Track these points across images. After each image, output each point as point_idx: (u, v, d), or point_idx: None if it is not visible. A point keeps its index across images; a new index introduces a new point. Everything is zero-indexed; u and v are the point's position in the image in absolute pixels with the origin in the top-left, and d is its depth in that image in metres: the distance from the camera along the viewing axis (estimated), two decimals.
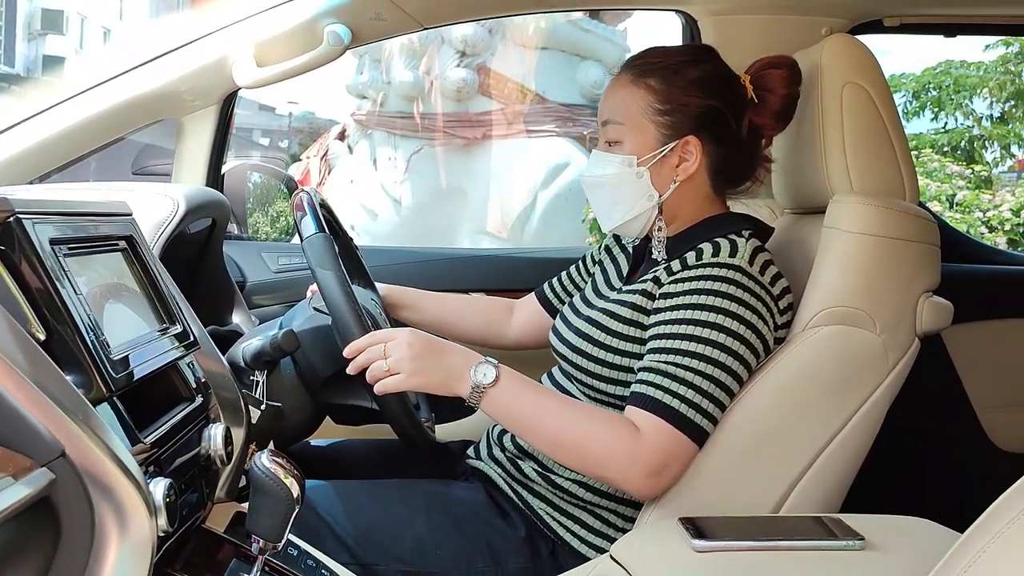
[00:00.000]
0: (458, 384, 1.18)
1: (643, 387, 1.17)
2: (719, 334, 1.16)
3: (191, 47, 1.68)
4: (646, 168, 1.28)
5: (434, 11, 1.72)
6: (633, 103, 1.28)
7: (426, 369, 1.17)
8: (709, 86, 1.29)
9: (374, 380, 1.18)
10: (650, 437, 1.14)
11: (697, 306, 1.18)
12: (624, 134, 1.29)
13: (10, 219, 0.79)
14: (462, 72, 5.78)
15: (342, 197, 5.89)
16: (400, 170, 5.88)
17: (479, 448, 1.45)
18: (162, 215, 1.24)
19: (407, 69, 5.87)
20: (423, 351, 1.18)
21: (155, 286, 1.06)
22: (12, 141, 1.68)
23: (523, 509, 1.32)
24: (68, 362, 0.81)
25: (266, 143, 16.50)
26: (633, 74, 1.30)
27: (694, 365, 1.15)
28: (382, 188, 5.88)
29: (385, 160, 5.92)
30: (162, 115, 1.75)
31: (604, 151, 1.31)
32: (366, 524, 1.27)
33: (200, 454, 1.04)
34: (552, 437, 1.18)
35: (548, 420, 1.18)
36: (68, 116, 1.69)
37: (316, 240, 1.26)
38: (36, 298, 0.79)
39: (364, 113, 6.07)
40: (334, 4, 1.66)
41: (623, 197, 1.30)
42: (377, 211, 5.83)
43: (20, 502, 0.68)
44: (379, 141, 5.98)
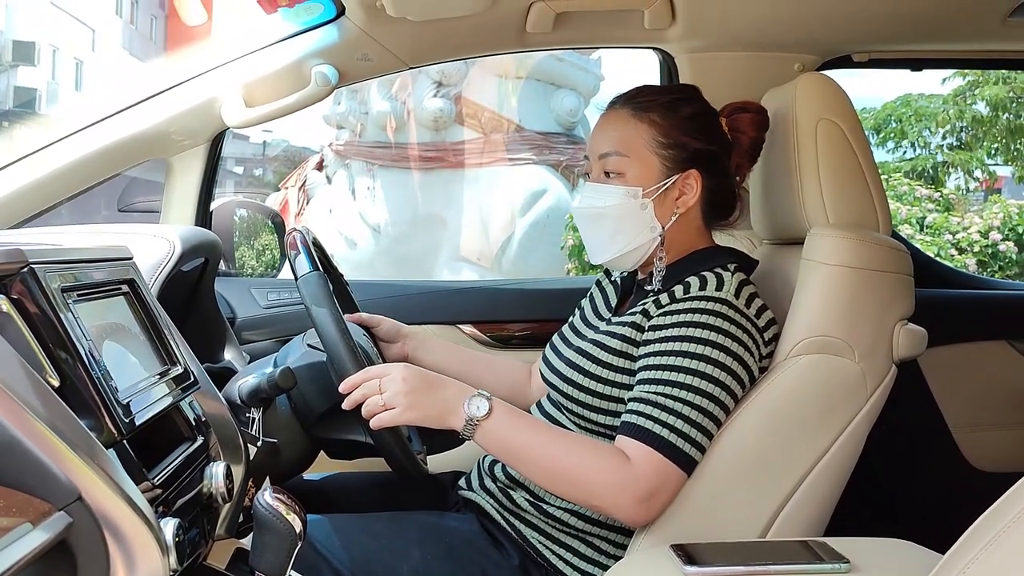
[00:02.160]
0: (452, 418, 1.21)
1: (633, 417, 1.20)
2: (707, 365, 1.20)
3: (180, 88, 1.71)
4: (650, 200, 1.32)
5: (419, 51, 1.76)
6: (636, 136, 1.32)
7: (421, 403, 1.20)
8: (703, 123, 1.36)
9: (370, 415, 1.20)
10: (640, 466, 1.18)
11: (685, 338, 1.22)
12: (627, 166, 1.32)
13: (24, 269, 0.82)
14: (439, 102, 5.84)
15: (321, 227, 5.91)
16: (379, 199, 5.91)
17: (470, 479, 1.47)
18: (159, 256, 1.26)
19: (384, 99, 5.92)
20: (418, 385, 1.21)
21: (156, 328, 1.08)
22: (3, 182, 1.70)
23: (516, 538, 1.35)
24: (80, 407, 0.83)
25: (240, 171, 16.46)
26: (633, 108, 1.34)
27: (683, 395, 1.19)
28: (360, 217, 5.91)
29: (363, 189, 5.95)
30: (152, 155, 1.77)
31: (603, 182, 1.33)
32: (363, 557, 1.29)
33: (202, 492, 1.06)
34: (544, 467, 1.21)
35: (540, 451, 1.21)
36: (57, 158, 1.71)
37: (311, 279, 1.28)
38: (50, 345, 0.82)
39: (342, 143, 6.11)
40: (321, 45, 1.70)
41: (624, 228, 1.33)
42: (356, 240, 5.85)
43: (40, 547, 0.70)
44: (357, 171, 6.02)
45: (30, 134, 1.77)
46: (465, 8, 1.59)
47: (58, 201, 1.76)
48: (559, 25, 1.70)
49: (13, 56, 19.31)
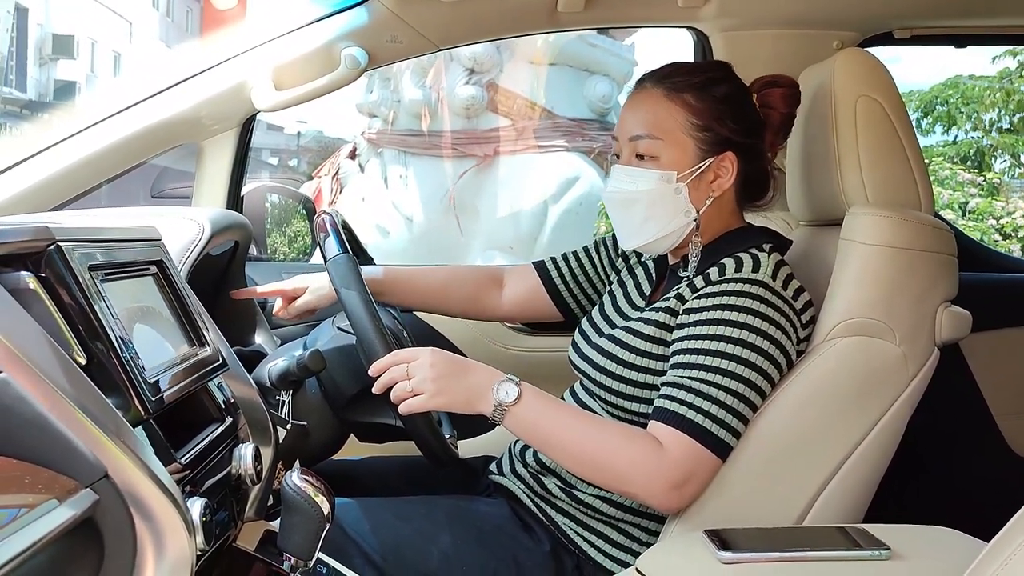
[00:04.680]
0: (480, 403, 1.19)
1: (666, 402, 1.18)
2: (743, 349, 1.17)
3: (211, 73, 1.71)
4: (685, 184, 1.28)
5: (449, 32, 1.75)
6: (670, 118, 1.29)
7: (448, 389, 1.18)
8: (738, 103, 1.32)
9: (398, 400, 1.19)
10: (673, 451, 1.16)
11: (721, 321, 1.19)
12: (661, 149, 1.28)
13: (51, 247, 0.81)
14: (471, 89, 5.82)
15: (354, 215, 5.92)
16: (412, 187, 5.91)
17: (501, 463, 1.46)
18: (188, 238, 1.26)
19: (416, 87, 5.91)
20: (445, 371, 1.19)
21: (184, 309, 1.08)
22: (37, 169, 1.71)
23: (547, 524, 1.33)
24: (107, 385, 0.83)
25: (275, 162, 16.60)
26: (666, 89, 1.30)
27: (718, 380, 1.16)
28: (393, 206, 5.91)
29: (396, 178, 5.95)
30: (183, 140, 1.78)
31: (635, 166, 1.30)
32: (392, 541, 1.28)
33: (231, 473, 1.05)
34: (575, 453, 1.19)
35: (570, 436, 1.19)
36: (91, 143, 1.72)
37: (340, 260, 1.27)
38: (77, 323, 0.82)
39: (375, 132, 6.11)
40: (350, 27, 1.69)
41: (659, 213, 1.29)
42: (389, 229, 5.86)
43: (66, 523, 0.70)
44: (389, 159, 6.02)
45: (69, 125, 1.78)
46: None
47: (92, 186, 1.77)
48: (591, 4, 1.67)
49: (53, 49, 19.60)
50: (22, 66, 18.61)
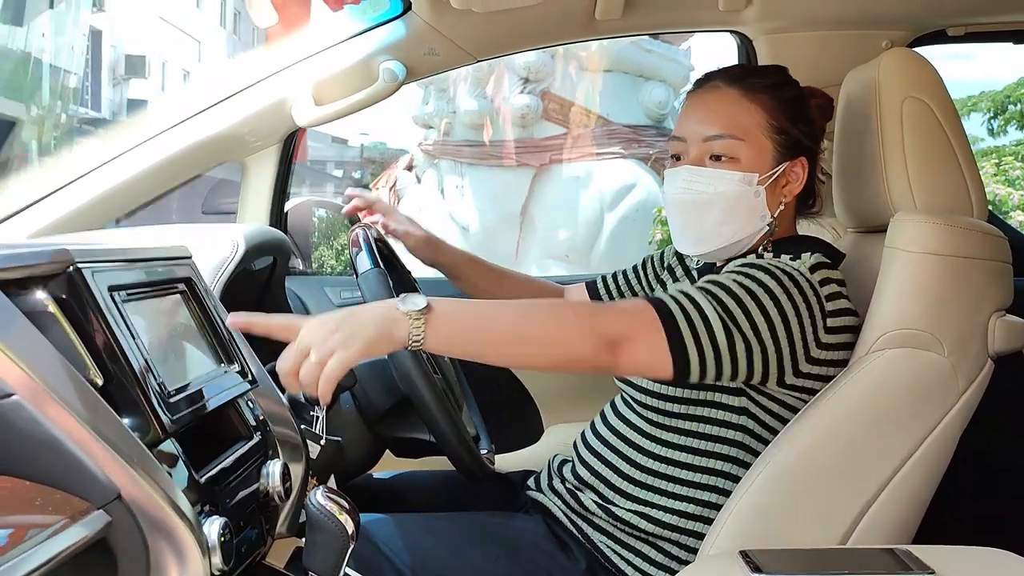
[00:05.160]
0: (395, 326, 1.00)
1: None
2: (748, 296, 1.12)
3: (253, 90, 1.73)
4: (763, 187, 1.25)
5: (485, 44, 1.74)
6: (749, 118, 1.26)
7: (354, 332, 0.99)
8: (804, 107, 1.31)
9: (313, 381, 0.97)
10: (619, 305, 1.14)
11: (738, 272, 1.15)
12: (742, 150, 1.25)
13: (69, 269, 0.82)
14: (526, 98, 5.83)
15: None
16: (468, 197, 5.94)
17: (539, 479, 1.44)
18: (222, 256, 1.27)
19: (472, 97, 5.94)
20: (340, 318, 1.00)
21: (213, 326, 1.09)
22: (91, 185, 1.75)
23: (583, 542, 1.30)
24: (126, 405, 0.83)
25: (339, 175, 16.87)
26: (743, 89, 1.27)
27: (709, 297, 1.11)
28: (450, 216, 5.94)
29: (452, 188, 5.99)
30: (227, 157, 1.80)
31: (712, 167, 1.26)
32: (424, 557, 1.27)
33: (258, 490, 1.06)
34: (517, 333, 1.08)
35: (504, 319, 1.08)
36: (141, 161, 1.75)
37: (370, 275, 1.27)
38: (95, 344, 0.82)
39: (431, 143, 6.16)
40: (388, 41, 1.70)
41: (735, 217, 1.26)
42: (445, 238, 5.89)
43: (77, 544, 0.70)
44: (446, 170, 6.06)
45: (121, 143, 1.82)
46: None
47: (143, 203, 1.81)
48: (629, 10, 1.65)
49: (126, 70, 20.26)
50: (96, 86, 19.27)
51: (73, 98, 17.28)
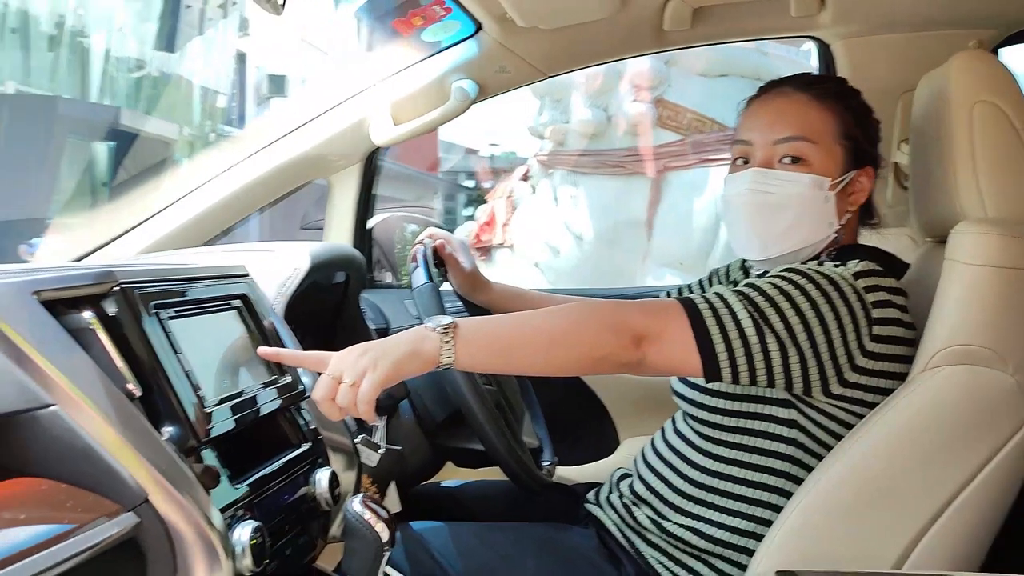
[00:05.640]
0: (422, 343, 1.04)
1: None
2: (782, 298, 1.11)
3: (335, 111, 1.81)
4: (833, 193, 1.23)
5: (555, 60, 1.76)
6: (821, 123, 1.24)
7: (384, 353, 1.03)
8: (870, 116, 1.30)
9: (350, 404, 1.02)
10: (647, 304, 1.12)
11: (776, 276, 1.13)
12: (814, 154, 1.23)
13: (115, 288, 0.90)
14: (640, 106, 5.79)
15: (526, 236, 6.04)
16: (582, 206, 5.95)
17: (599, 492, 1.44)
18: (287, 273, 1.34)
19: (586, 107, 5.95)
20: (368, 345, 1.05)
21: (267, 341, 1.15)
22: (194, 204, 1.88)
23: (634, 556, 1.30)
24: (164, 415, 0.90)
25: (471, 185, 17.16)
26: (813, 95, 1.26)
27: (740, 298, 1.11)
28: (564, 225, 5.97)
29: (566, 197, 6.01)
30: (313, 176, 1.89)
31: (783, 169, 1.24)
32: (477, 566, 1.30)
33: (306, 496, 1.11)
34: (545, 338, 1.09)
35: (529, 325, 1.11)
36: (236, 181, 1.87)
37: (424, 290, 1.32)
38: (136, 358, 0.89)
39: (546, 153, 6.20)
40: (460, 61, 1.74)
41: (805, 221, 1.24)
42: (560, 248, 5.92)
43: (105, 541, 0.76)
44: (560, 179, 6.09)
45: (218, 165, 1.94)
46: (594, 13, 1.56)
47: (236, 222, 1.92)
48: (698, 21, 1.64)
49: (268, 89, 21.31)
50: (242, 106, 20.33)
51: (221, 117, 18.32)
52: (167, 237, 1.85)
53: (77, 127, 11.57)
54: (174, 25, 14.40)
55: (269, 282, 1.30)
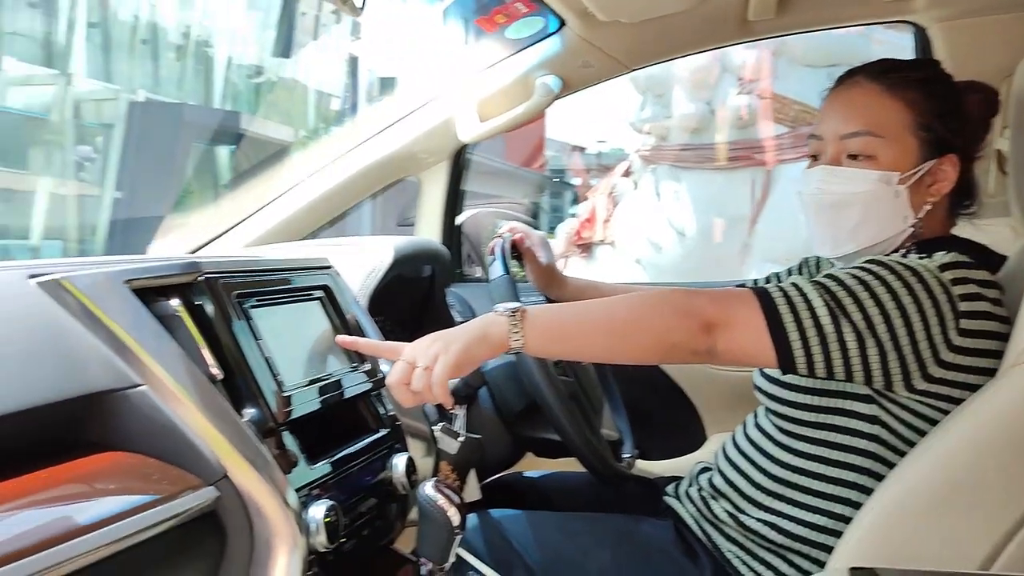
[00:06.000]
0: (491, 327, 1.06)
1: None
2: (861, 288, 1.07)
3: (423, 110, 1.86)
4: (905, 187, 1.20)
5: (638, 53, 1.76)
6: (892, 115, 1.21)
7: (453, 339, 1.05)
8: (957, 101, 1.24)
9: (425, 387, 1.03)
10: (716, 292, 1.10)
11: (857, 267, 1.10)
12: (880, 148, 1.20)
13: (200, 279, 0.96)
14: (744, 98, 5.68)
15: (627, 232, 6.01)
16: (684, 202, 5.88)
17: (679, 486, 1.44)
18: (371, 266, 1.39)
19: (688, 101, 5.88)
20: (439, 334, 1.07)
21: (347, 329, 1.20)
22: (290, 202, 1.96)
23: (711, 550, 1.30)
24: (244, 398, 0.95)
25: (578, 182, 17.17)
26: (886, 84, 1.22)
27: (817, 287, 1.08)
28: (667, 221, 5.91)
29: (669, 193, 5.95)
30: (404, 173, 1.95)
31: (849, 165, 1.22)
32: (553, 554, 1.31)
33: (383, 480, 1.16)
34: (611, 324, 1.09)
35: (598, 311, 1.11)
36: (331, 179, 1.94)
37: (499, 282, 1.34)
38: (218, 344, 0.95)
39: (648, 148, 6.16)
40: (544, 57, 1.76)
41: (874, 217, 1.21)
42: (662, 244, 5.87)
43: (187, 511, 0.82)
44: (662, 174, 6.04)
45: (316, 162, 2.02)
46: (676, 4, 1.55)
47: (332, 217, 1.99)
48: (784, 9, 1.60)
49: (380, 90, 21.85)
50: (355, 108, 20.88)
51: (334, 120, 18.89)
52: (269, 232, 1.94)
53: (201, 132, 12.16)
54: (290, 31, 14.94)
55: (355, 275, 1.36)
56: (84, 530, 0.72)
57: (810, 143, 1.28)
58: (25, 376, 0.79)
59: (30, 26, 11.97)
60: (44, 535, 0.70)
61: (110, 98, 12.38)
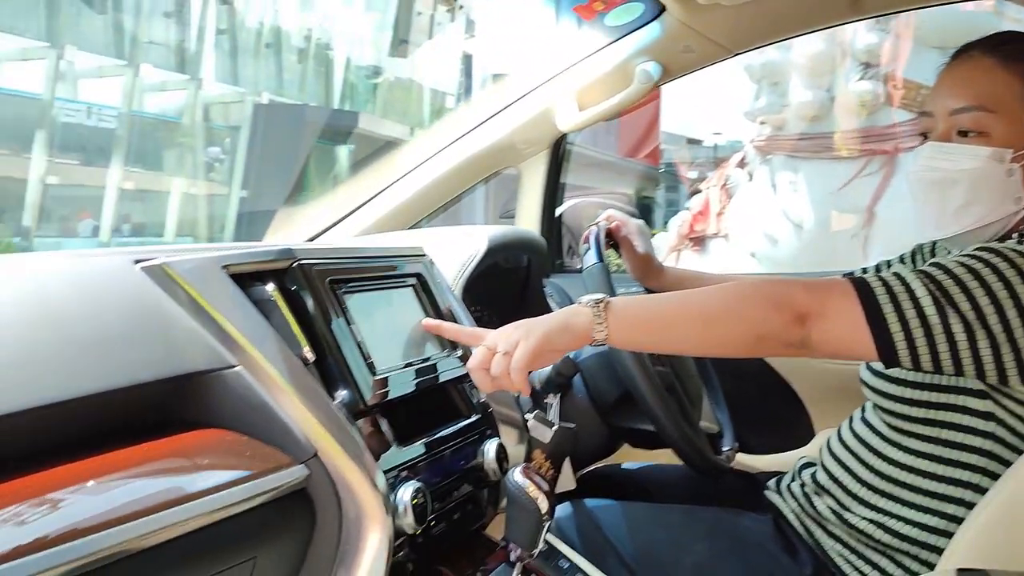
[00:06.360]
0: (574, 316, 1.05)
1: None
2: (970, 276, 1.01)
3: (522, 101, 1.87)
4: (1019, 165, 1.14)
5: (741, 36, 1.71)
6: (1006, 89, 1.14)
7: (536, 327, 1.04)
8: None
9: (503, 371, 1.03)
10: (810, 281, 1.05)
11: (965, 255, 1.04)
12: (993, 124, 1.14)
13: (294, 265, 0.99)
14: (867, 84, 5.44)
15: (742, 225, 5.86)
16: (802, 193, 5.69)
17: (781, 480, 1.40)
18: (467, 255, 1.40)
19: (806, 88, 5.68)
20: (523, 322, 1.06)
21: (440, 316, 1.21)
22: (396, 194, 2.00)
23: (812, 546, 1.25)
24: (335, 380, 0.98)
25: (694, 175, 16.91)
26: (1000, 57, 1.15)
27: (920, 276, 1.03)
28: (783, 213, 5.73)
29: (785, 184, 5.77)
30: (504, 164, 1.95)
31: (959, 142, 1.16)
32: (647, 546, 1.30)
33: (474, 466, 1.16)
34: (699, 314, 1.06)
35: (686, 300, 1.08)
36: (434, 170, 1.97)
37: (593, 270, 1.33)
38: (312, 327, 0.98)
39: (763, 138, 5.99)
40: (644, 43, 1.74)
41: (982, 197, 1.15)
42: (777, 237, 5.70)
43: (278, 488, 0.85)
44: (778, 165, 5.86)
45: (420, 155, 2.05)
46: None
47: (435, 209, 2.02)
48: None
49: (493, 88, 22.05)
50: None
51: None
52: (378, 221, 1.98)
53: (321, 131, 12.59)
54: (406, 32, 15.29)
55: (450, 263, 1.37)
56: (179, 501, 0.75)
57: (921, 120, 1.22)
58: (129, 355, 0.83)
59: (165, 35, 12.66)
60: (146, 504, 0.74)
61: (236, 101, 12.97)
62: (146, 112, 12.07)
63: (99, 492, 0.73)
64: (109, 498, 0.73)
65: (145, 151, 11.96)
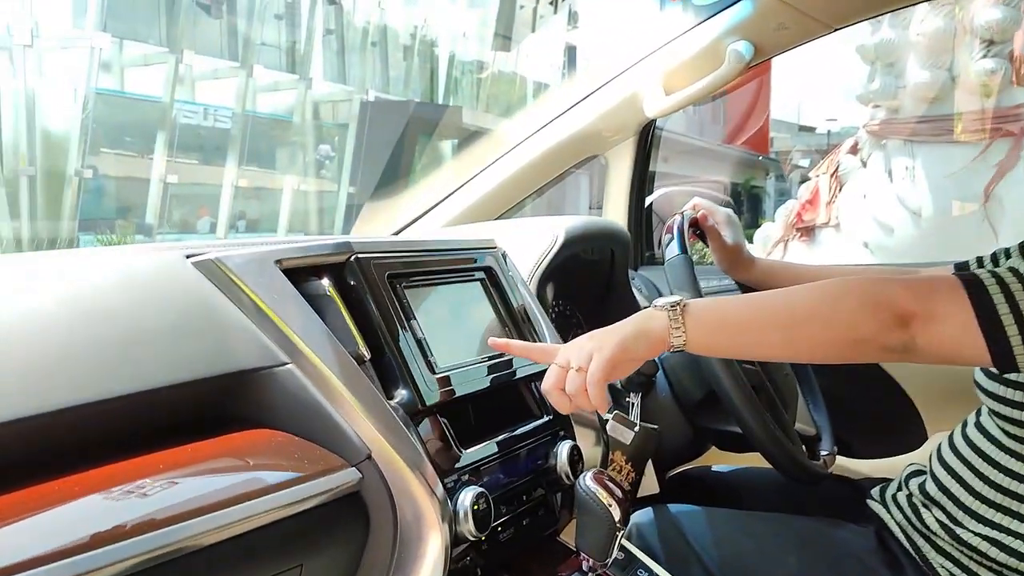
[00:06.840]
0: (650, 322, 0.97)
1: None
2: None
3: (607, 87, 1.79)
4: None
5: (840, 10, 1.58)
6: None
7: (609, 336, 0.97)
8: None
9: (579, 388, 0.96)
10: (915, 280, 0.95)
11: None
12: None
13: (351, 259, 0.96)
14: (990, 63, 5.09)
15: (855, 213, 5.59)
16: (919, 179, 5.38)
17: (885, 489, 1.29)
18: (543, 247, 1.34)
19: (923, 68, 5.36)
20: (594, 332, 0.99)
21: (510, 311, 1.16)
22: (482, 184, 1.96)
23: (919, 562, 1.14)
24: (393, 379, 0.94)
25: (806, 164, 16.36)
26: None
27: None
28: (898, 200, 5.44)
29: (901, 170, 5.47)
30: (590, 152, 1.89)
31: None
32: (734, 555, 1.22)
33: (547, 469, 1.11)
34: (787, 316, 0.97)
35: (771, 301, 0.99)
36: (518, 160, 1.92)
37: (676, 262, 1.25)
38: (369, 324, 0.94)
39: (877, 123, 5.69)
40: (735, 22, 1.64)
41: None
42: (893, 225, 5.40)
43: (329, 491, 0.82)
44: (894, 150, 5.55)
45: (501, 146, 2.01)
46: None
47: (522, 199, 1.97)
48: None
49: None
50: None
51: None
52: (464, 212, 1.95)
53: (426, 126, 12.75)
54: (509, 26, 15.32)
55: (526, 256, 1.32)
56: (221, 505, 0.72)
57: None
58: (179, 352, 0.81)
59: (276, 37, 13.07)
60: (187, 507, 0.71)
61: (344, 99, 13.27)
62: (259, 112, 12.47)
63: (139, 493, 0.71)
64: (149, 501, 0.71)
65: (258, 150, 12.36)
